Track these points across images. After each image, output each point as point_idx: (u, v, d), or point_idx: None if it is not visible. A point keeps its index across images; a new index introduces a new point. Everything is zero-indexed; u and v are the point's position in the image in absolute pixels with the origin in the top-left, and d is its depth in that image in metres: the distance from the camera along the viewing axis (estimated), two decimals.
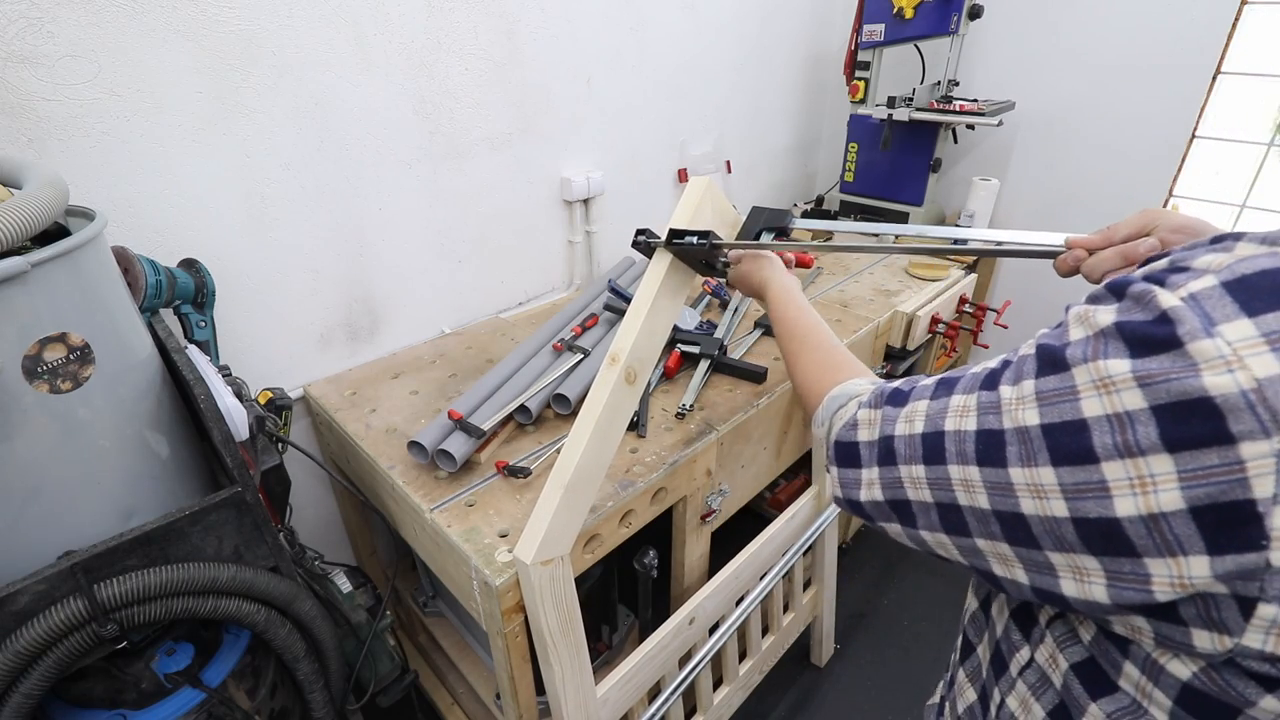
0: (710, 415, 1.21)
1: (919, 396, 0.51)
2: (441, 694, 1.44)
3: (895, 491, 0.51)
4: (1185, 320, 0.34)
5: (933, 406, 0.48)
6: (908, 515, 0.50)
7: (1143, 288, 0.37)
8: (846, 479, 0.56)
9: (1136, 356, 0.35)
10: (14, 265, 0.61)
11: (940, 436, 0.46)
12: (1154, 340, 0.35)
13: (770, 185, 2.49)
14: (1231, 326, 0.33)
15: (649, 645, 1.09)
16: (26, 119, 0.93)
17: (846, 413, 0.59)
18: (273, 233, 1.24)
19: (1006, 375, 0.44)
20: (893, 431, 0.51)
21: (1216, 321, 0.33)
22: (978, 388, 0.45)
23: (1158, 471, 0.34)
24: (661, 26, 1.80)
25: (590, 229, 1.83)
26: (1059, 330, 0.42)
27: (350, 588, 1.11)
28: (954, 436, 0.45)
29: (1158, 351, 0.35)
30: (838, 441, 0.57)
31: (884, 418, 0.53)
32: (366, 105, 1.28)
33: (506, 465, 1.05)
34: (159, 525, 0.73)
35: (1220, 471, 0.32)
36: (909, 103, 1.97)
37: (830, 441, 0.59)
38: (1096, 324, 0.38)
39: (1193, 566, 0.34)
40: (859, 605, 1.90)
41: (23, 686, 0.67)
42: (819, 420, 0.64)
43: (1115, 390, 0.36)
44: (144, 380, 0.79)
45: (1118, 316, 0.37)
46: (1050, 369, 0.40)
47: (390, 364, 1.43)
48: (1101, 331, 0.38)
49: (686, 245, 0.83)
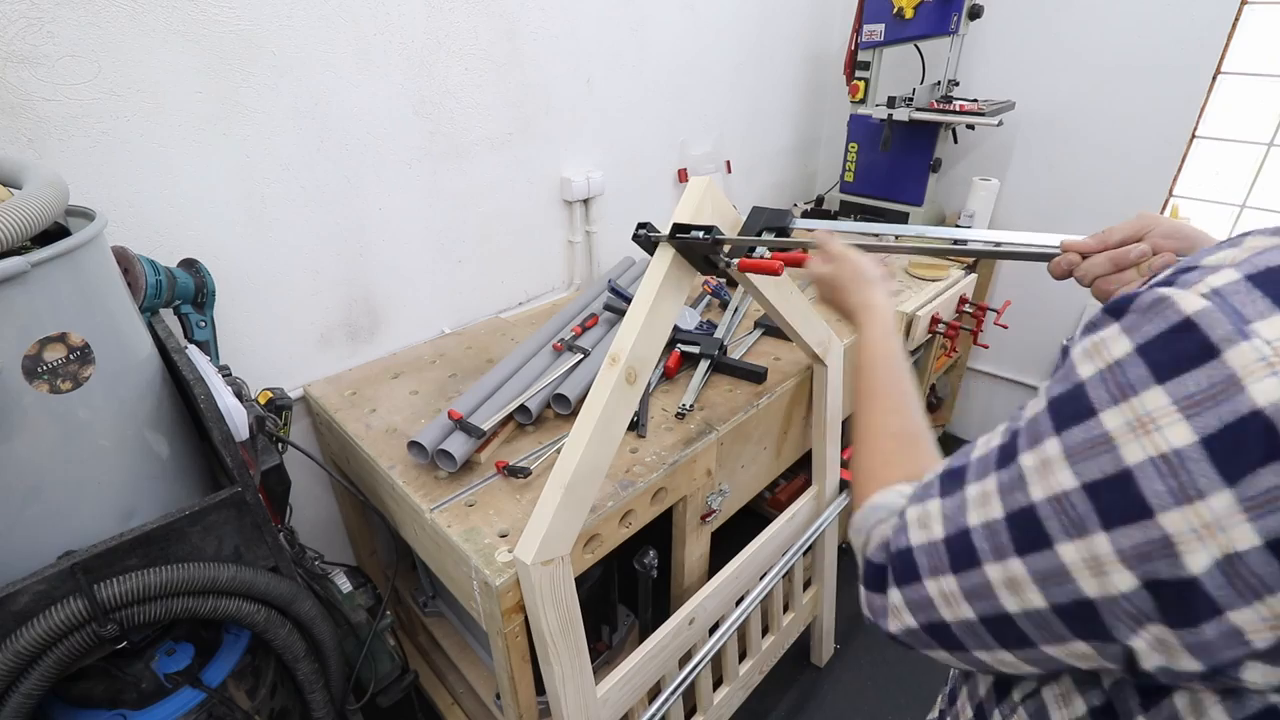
0: (710, 415, 1.21)
1: (926, 496, 0.45)
2: (441, 694, 1.44)
3: (928, 614, 0.43)
4: (1214, 323, 0.30)
5: (947, 505, 0.42)
6: (951, 640, 0.43)
7: (1153, 295, 0.33)
8: (875, 606, 0.48)
9: (1167, 380, 0.31)
10: (14, 265, 0.61)
11: (966, 535, 0.40)
12: (1182, 355, 0.31)
13: (770, 185, 2.49)
14: (1267, 324, 0.29)
15: (649, 645, 1.09)
16: (26, 119, 0.93)
17: (886, 528, 0.49)
18: (273, 233, 1.24)
19: (1020, 444, 0.38)
20: (907, 542, 0.44)
21: (1249, 319, 0.29)
22: (992, 469, 0.39)
23: (1220, 510, 0.30)
24: (661, 27, 1.80)
25: (590, 229, 1.83)
26: (1065, 373, 0.37)
27: (350, 588, 1.11)
28: (982, 531, 0.39)
29: (1190, 367, 0.30)
30: (868, 561, 0.50)
31: (895, 528, 0.46)
32: (366, 105, 1.28)
33: (506, 465, 1.05)
34: (159, 525, 0.73)
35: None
36: (909, 103, 1.97)
37: (861, 560, 0.51)
38: (1110, 354, 0.34)
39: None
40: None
41: (23, 686, 0.67)
42: (855, 528, 0.54)
43: (1156, 428, 0.31)
44: (144, 380, 0.79)
45: (1132, 339, 0.33)
46: (1072, 420, 0.35)
47: (390, 364, 1.43)
48: (1118, 362, 0.33)
49: (691, 239, 0.83)
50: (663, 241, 0.87)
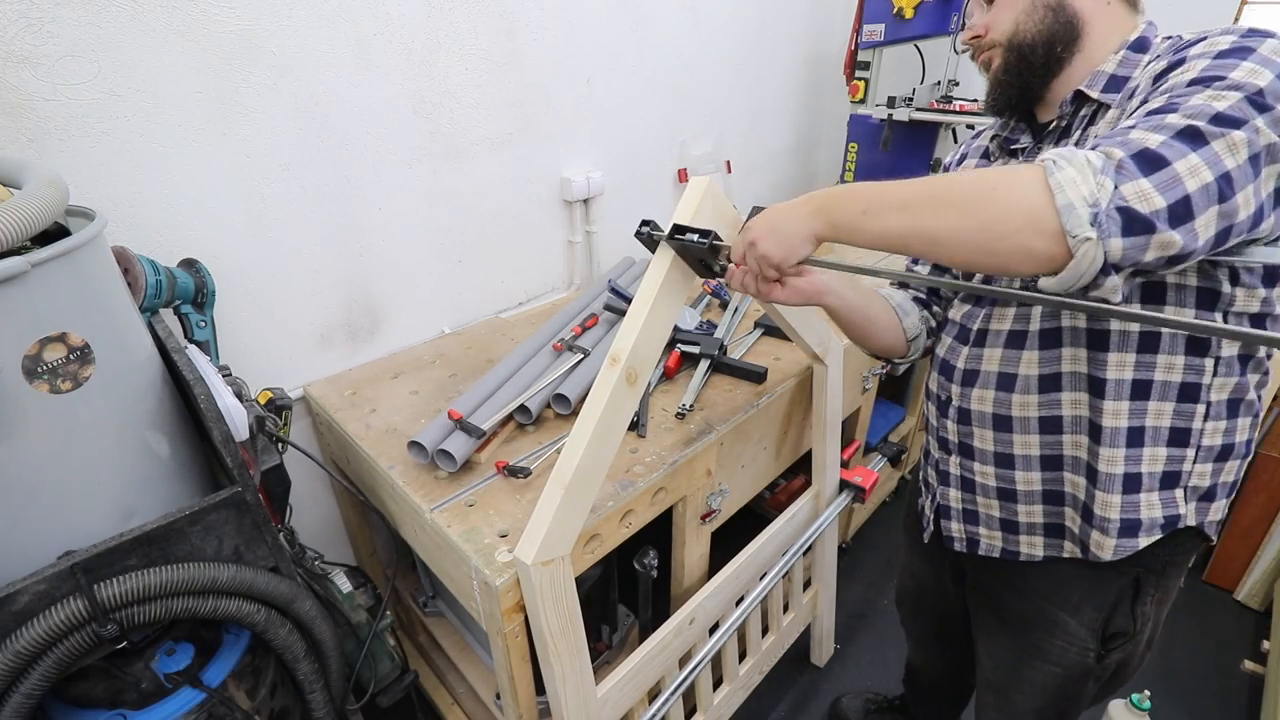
0: (710, 415, 1.21)
1: (1182, 153, 0.55)
2: (441, 694, 1.44)
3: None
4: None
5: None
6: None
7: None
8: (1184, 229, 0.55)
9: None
10: (14, 265, 0.61)
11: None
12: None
13: (770, 185, 2.49)
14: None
15: (649, 645, 1.09)
16: (26, 119, 0.93)
17: (1106, 182, 0.55)
18: (272, 232, 1.24)
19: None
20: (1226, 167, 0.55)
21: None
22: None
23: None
24: (661, 26, 1.80)
25: (590, 229, 1.83)
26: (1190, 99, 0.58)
27: (350, 588, 1.11)
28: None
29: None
30: (1167, 206, 0.54)
31: (1196, 165, 0.55)
32: (366, 105, 1.28)
33: (506, 465, 1.05)
34: (159, 525, 0.73)
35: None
36: (909, 103, 1.97)
37: (1121, 213, 0.55)
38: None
39: None
40: (859, 605, 1.90)
41: (23, 686, 0.67)
42: (1074, 202, 0.55)
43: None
44: (144, 380, 0.79)
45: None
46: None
47: (390, 364, 1.43)
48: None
49: (687, 242, 0.83)
50: (663, 241, 0.87)
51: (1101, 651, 0.90)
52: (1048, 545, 0.88)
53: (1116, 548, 0.80)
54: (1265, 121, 0.56)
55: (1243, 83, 0.57)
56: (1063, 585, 0.89)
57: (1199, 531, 0.81)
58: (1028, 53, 0.77)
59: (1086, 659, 0.90)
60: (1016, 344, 0.82)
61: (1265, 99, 0.56)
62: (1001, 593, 0.97)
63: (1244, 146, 0.55)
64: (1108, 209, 0.55)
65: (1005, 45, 0.78)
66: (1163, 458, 0.76)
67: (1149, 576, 0.85)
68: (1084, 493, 0.81)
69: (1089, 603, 0.88)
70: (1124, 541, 0.79)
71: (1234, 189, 0.55)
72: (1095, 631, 0.89)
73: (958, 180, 0.63)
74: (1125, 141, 0.58)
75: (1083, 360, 0.76)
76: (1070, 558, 0.87)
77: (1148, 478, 0.77)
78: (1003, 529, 0.92)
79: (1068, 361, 0.78)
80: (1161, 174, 0.55)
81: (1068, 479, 0.83)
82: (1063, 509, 0.85)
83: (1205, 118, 0.56)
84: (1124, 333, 0.73)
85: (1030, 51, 0.76)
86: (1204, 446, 0.76)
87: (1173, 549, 0.82)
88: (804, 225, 0.73)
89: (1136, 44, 0.75)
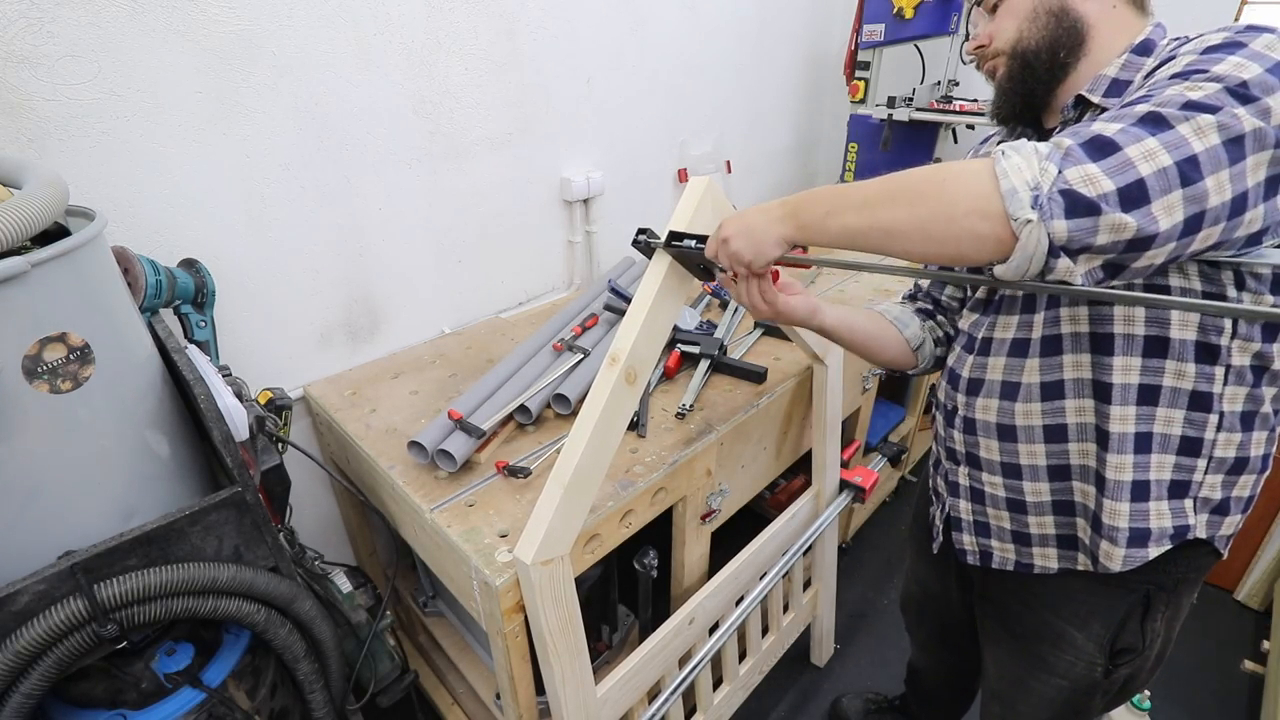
0: (710, 415, 1.21)
1: (1137, 138, 0.55)
2: (441, 694, 1.44)
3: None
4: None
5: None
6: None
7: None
8: (1142, 216, 0.54)
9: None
10: (14, 265, 0.61)
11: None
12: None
13: (770, 185, 2.49)
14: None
15: (649, 645, 1.09)
16: (26, 119, 0.93)
17: (1050, 168, 0.56)
18: (272, 233, 1.24)
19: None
20: (1189, 152, 0.54)
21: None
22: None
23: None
24: (661, 26, 1.80)
25: (590, 229, 1.83)
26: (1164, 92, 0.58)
27: (350, 588, 1.11)
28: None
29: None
30: (1117, 190, 0.54)
31: (1153, 149, 0.55)
32: (366, 105, 1.28)
33: (506, 465, 1.05)
34: (159, 525, 0.73)
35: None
36: (909, 103, 1.97)
37: (1064, 195, 0.55)
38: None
39: None
40: (859, 605, 1.90)
41: (23, 686, 0.67)
42: (1017, 186, 0.57)
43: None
44: (144, 380, 0.79)
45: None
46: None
47: (390, 364, 1.43)
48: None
49: (684, 248, 0.83)
50: (659, 248, 0.87)
51: (1109, 666, 0.88)
52: (1061, 557, 0.87)
53: (1125, 558, 0.78)
54: (1249, 111, 0.54)
55: (1224, 75, 0.56)
56: (1071, 599, 0.88)
57: (1211, 547, 0.79)
58: (1031, 59, 0.77)
59: (1094, 673, 0.89)
60: (1019, 352, 0.81)
61: (1249, 90, 0.55)
62: (1009, 604, 0.96)
63: (1213, 130, 0.54)
64: (1049, 192, 0.55)
65: (1009, 53, 0.78)
66: (1170, 465, 0.75)
67: (1160, 594, 0.83)
68: (1093, 501, 0.80)
69: (1097, 618, 0.86)
70: (1133, 552, 0.78)
71: (1201, 173, 0.54)
72: (1103, 647, 0.87)
73: (912, 175, 0.66)
74: (1078, 131, 0.58)
75: (1087, 365, 0.76)
76: (1083, 570, 0.85)
77: (1156, 485, 0.76)
78: (1015, 541, 0.90)
79: (1070, 368, 0.77)
80: (1111, 159, 0.55)
81: (1077, 488, 0.82)
82: (1074, 519, 0.84)
83: (1174, 105, 0.56)
84: (1129, 336, 0.72)
85: (1034, 58, 0.76)
86: (1216, 458, 0.75)
87: (1185, 565, 0.81)
88: (774, 228, 0.75)
89: (1141, 47, 0.74)
